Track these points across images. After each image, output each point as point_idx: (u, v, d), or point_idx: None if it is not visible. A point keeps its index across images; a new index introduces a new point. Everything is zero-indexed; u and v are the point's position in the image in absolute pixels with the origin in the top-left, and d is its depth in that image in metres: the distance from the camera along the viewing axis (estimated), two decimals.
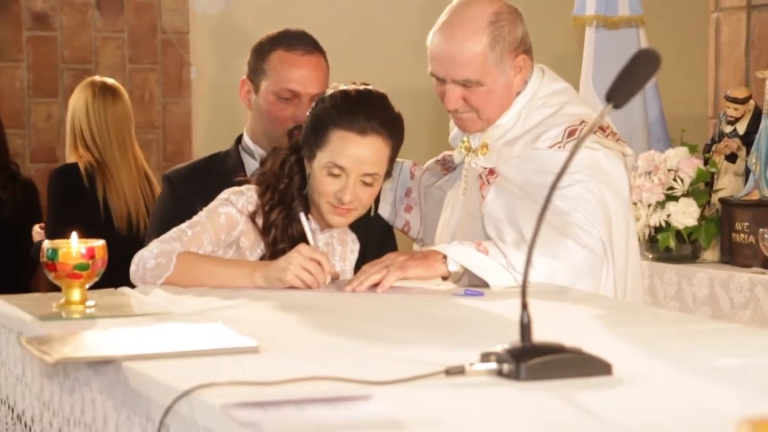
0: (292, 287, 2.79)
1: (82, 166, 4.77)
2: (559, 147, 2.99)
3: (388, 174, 3.01)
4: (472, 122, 3.12)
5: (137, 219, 4.80)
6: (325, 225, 3.03)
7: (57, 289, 2.65)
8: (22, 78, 6.22)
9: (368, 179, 2.92)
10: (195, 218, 2.96)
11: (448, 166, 3.31)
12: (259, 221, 2.98)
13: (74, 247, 2.58)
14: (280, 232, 2.96)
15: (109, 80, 4.99)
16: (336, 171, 2.90)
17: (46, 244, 2.60)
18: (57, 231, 4.20)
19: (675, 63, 5.89)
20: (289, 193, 2.99)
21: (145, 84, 6.42)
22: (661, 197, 4.56)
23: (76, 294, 2.59)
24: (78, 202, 4.74)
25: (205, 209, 2.98)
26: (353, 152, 2.89)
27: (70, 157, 4.87)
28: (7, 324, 2.62)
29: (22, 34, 6.21)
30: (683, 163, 4.58)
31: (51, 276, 2.60)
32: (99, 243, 2.62)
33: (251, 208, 2.98)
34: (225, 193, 3.01)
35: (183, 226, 2.94)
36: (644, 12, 5.37)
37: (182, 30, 6.50)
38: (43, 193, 5.12)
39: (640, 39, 5.33)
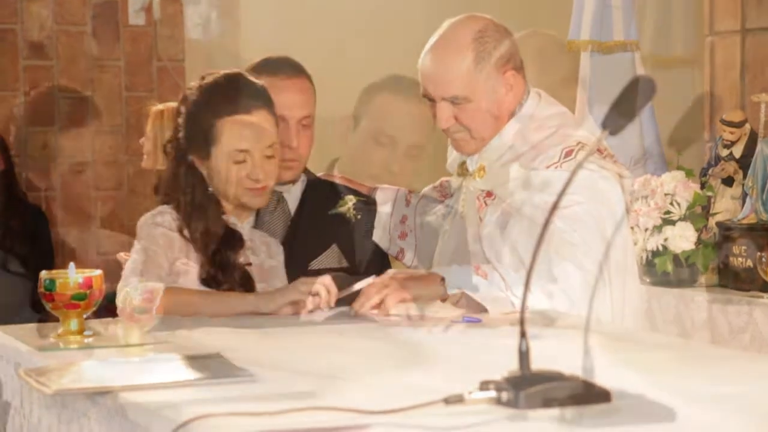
0: (296, 313, 2.81)
1: None
2: (556, 167, 2.99)
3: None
4: (465, 142, 3.12)
5: None
6: (242, 215, 3.07)
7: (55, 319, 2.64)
8: (18, 107, 6.22)
9: (269, 151, 2.99)
10: (137, 247, 2.97)
11: (445, 193, 3.31)
12: (187, 234, 3.00)
13: (72, 277, 2.57)
14: (210, 238, 2.99)
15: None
16: (240, 157, 2.97)
17: (44, 274, 2.60)
18: None
19: (671, 86, 5.89)
20: (197, 200, 3.01)
21: (141, 111, 6.41)
22: (658, 221, 4.56)
23: (73, 324, 2.59)
24: None
25: (139, 240, 2.99)
26: (248, 133, 2.98)
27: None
28: (5, 355, 2.61)
29: (19, 63, 6.22)
30: (680, 187, 4.58)
31: (49, 306, 2.59)
32: (96, 273, 2.61)
33: (176, 224, 3.00)
34: (146, 219, 3.02)
35: (135, 257, 2.94)
36: (639, 36, 5.37)
37: (178, 57, 6.50)
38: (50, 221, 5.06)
39: (635, 63, 5.33)
